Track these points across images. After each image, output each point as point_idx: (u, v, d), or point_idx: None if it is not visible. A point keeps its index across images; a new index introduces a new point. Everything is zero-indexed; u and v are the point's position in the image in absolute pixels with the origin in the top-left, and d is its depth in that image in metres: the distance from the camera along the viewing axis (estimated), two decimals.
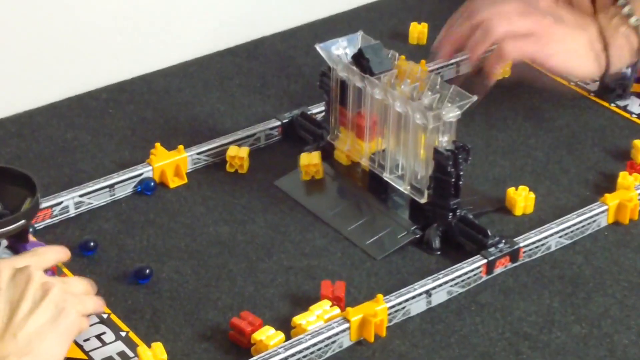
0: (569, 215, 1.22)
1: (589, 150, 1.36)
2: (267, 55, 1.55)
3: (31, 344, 0.97)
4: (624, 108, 1.43)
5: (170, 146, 1.31)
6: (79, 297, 1.04)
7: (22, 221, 1.08)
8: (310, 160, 1.29)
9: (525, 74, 1.47)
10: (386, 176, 1.24)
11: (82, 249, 1.20)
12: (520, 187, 1.26)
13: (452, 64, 1.48)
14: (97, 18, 1.47)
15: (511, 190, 1.26)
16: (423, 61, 1.39)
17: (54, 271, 1.12)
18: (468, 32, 1.34)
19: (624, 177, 1.28)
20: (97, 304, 1.07)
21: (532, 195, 1.25)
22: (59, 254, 1.08)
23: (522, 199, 1.24)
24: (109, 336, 1.09)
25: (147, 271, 1.16)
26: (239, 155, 1.31)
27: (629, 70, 1.45)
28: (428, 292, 1.13)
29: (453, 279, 1.14)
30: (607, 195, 1.25)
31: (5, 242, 1.09)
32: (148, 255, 1.19)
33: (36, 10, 1.42)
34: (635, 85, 1.46)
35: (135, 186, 1.28)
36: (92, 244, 1.20)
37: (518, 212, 1.25)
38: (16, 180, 1.11)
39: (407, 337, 1.10)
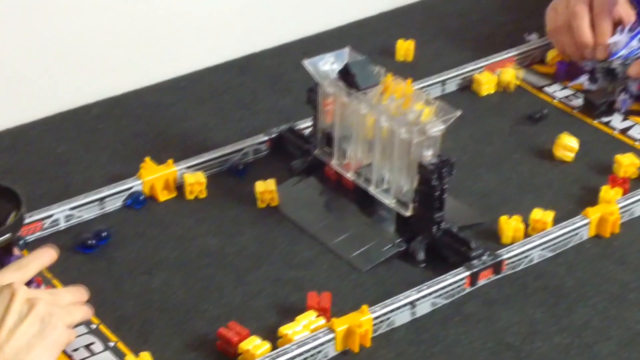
0: (551, 228, 1.24)
1: (572, 165, 1.38)
2: (257, 71, 1.57)
3: (18, 356, 0.98)
4: (607, 124, 1.45)
5: (160, 160, 1.32)
6: (66, 308, 1.05)
7: (8, 235, 1.09)
8: (266, 187, 1.30)
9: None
10: (372, 190, 1.26)
11: (94, 238, 1.23)
12: (515, 216, 1.25)
13: (438, 82, 1.50)
14: (89, 34, 1.49)
15: (503, 219, 1.25)
16: (410, 80, 1.41)
17: (39, 283, 1.12)
18: None
19: (606, 191, 1.30)
20: (85, 313, 1.08)
21: (522, 226, 1.24)
22: (42, 260, 1.08)
23: (510, 228, 1.24)
24: (98, 346, 1.10)
25: (90, 242, 1.21)
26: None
27: (617, 88, 1.48)
28: (413, 303, 1.15)
29: (437, 290, 1.16)
30: (589, 208, 1.26)
31: None
32: (137, 267, 1.20)
33: (28, 27, 1.44)
34: (636, 104, 1.48)
35: (125, 200, 1.29)
36: (104, 233, 1.23)
37: (505, 240, 1.24)
38: (1, 194, 1.12)
39: (391, 347, 1.12)
